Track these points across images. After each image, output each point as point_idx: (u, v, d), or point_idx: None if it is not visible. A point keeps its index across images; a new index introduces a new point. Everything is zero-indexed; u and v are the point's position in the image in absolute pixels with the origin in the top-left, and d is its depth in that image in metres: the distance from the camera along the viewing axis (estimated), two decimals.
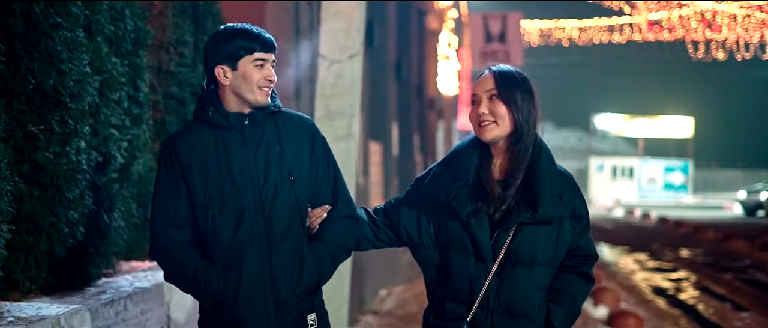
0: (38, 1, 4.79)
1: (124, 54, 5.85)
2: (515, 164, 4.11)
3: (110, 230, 5.34)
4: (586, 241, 4.28)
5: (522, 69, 4.23)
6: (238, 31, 4.13)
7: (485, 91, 4.13)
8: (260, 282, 4.07)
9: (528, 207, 4.07)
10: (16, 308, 4.40)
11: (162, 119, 6.92)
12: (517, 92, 4.13)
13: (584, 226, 4.26)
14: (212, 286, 4.05)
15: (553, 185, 4.13)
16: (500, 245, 4.08)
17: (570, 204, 4.19)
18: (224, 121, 4.10)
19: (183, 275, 4.09)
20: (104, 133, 5.30)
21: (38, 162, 4.76)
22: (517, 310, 4.11)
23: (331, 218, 4.24)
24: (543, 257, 4.13)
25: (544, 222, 4.09)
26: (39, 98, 4.79)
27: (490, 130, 4.10)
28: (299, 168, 4.16)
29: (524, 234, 4.09)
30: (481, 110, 4.11)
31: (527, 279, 4.11)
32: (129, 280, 5.59)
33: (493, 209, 4.10)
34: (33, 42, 4.76)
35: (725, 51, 44.37)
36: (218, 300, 4.08)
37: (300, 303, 4.15)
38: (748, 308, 14.91)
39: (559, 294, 4.20)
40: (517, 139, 4.11)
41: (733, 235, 28.24)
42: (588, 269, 4.29)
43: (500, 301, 4.09)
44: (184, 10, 7.09)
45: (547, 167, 4.15)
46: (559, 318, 4.17)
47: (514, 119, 4.10)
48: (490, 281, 4.08)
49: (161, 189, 4.12)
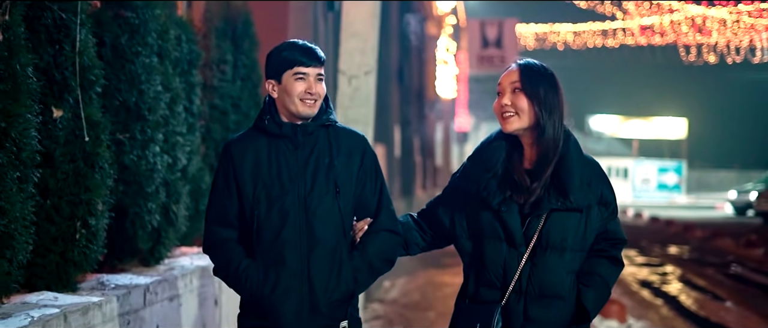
0: (123, 33, 5.97)
1: (181, 73, 7.01)
2: (543, 154, 4.20)
3: (177, 218, 6.51)
4: (614, 225, 4.36)
5: None
6: (285, 46, 4.29)
7: (509, 83, 4.23)
8: (297, 284, 4.18)
9: (558, 195, 4.17)
10: (114, 279, 5.55)
11: (207, 127, 8.08)
12: (541, 86, 4.21)
13: (612, 211, 4.34)
14: (252, 282, 4.19)
15: (581, 173, 4.21)
16: (532, 232, 4.18)
17: (597, 191, 4.27)
18: (278, 129, 4.24)
19: (228, 271, 4.25)
20: (172, 140, 6.47)
21: (124, 163, 5.93)
22: (549, 293, 4.20)
23: (372, 230, 4.34)
24: (573, 242, 4.21)
25: (574, 209, 4.18)
26: (124, 112, 5.97)
27: (511, 122, 4.19)
28: (346, 180, 4.28)
29: (555, 220, 4.18)
30: (504, 102, 4.21)
31: (559, 263, 4.19)
32: (189, 260, 6.76)
33: (523, 198, 4.19)
34: (119, 67, 5.93)
35: (716, 54, 44.51)
36: (256, 296, 4.20)
37: (334, 309, 4.24)
38: (726, 299, 15.68)
39: (590, 277, 4.27)
40: (541, 131, 4.18)
41: (721, 233, 29.07)
42: (617, 253, 4.37)
43: (533, 284, 4.18)
44: (225, 33, 8.26)
45: (576, 156, 4.24)
46: (591, 299, 4.24)
47: (535, 112, 4.18)
48: (523, 265, 4.17)
49: (216, 189, 4.32)
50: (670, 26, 42.62)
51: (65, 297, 4.79)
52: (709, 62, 45.47)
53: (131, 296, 5.25)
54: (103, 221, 5.31)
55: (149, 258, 6.29)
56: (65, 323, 4.38)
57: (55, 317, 4.31)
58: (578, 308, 4.24)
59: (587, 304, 4.22)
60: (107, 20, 5.90)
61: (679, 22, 42.12)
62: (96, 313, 4.73)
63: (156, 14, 6.16)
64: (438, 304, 13.64)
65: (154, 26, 6.16)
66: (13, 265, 4.36)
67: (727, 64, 46.30)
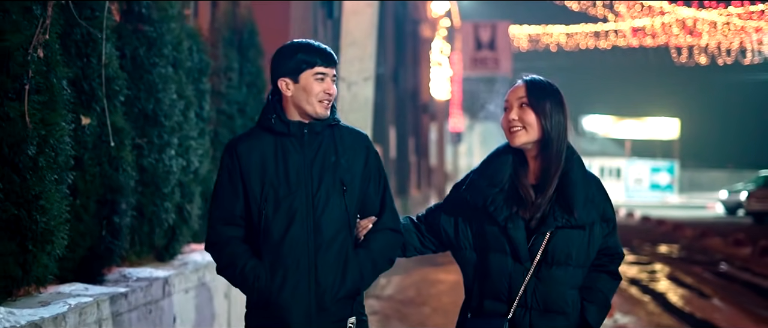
0: (141, 46, 6.46)
1: (193, 81, 7.50)
2: (547, 168, 4.24)
3: (191, 217, 7.01)
4: (613, 240, 4.40)
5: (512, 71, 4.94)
6: (300, 46, 4.28)
7: (516, 98, 4.27)
8: (305, 282, 4.20)
9: (563, 212, 4.20)
10: (135, 272, 6.04)
11: (215, 131, 8.57)
12: (547, 101, 4.25)
13: (612, 227, 4.39)
14: (260, 281, 4.19)
15: (585, 191, 4.26)
16: (537, 247, 4.20)
17: (600, 207, 4.32)
18: (285, 128, 4.24)
19: (233, 270, 4.24)
20: (186, 144, 6.95)
21: (143, 166, 6.42)
22: (554, 307, 4.24)
23: (376, 228, 4.37)
24: (577, 259, 4.24)
25: (579, 226, 4.21)
26: (142, 119, 6.45)
27: (519, 136, 4.23)
28: (351, 178, 4.29)
29: (559, 237, 4.21)
30: (512, 117, 4.24)
31: (563, 279, 4.23)
32: (200, 255, 7.26)
33: (529, 213, 4.21)
34: (138, 77, 6.42)
35: (707, 56, 44.47)
36: (264, 296, 4.21)
37: (341, 306, 4.25)
38: (711, 296, 16.00)
39: (592, 292, 4.32)
40: (546, 144, 4.22)
41: (710, 232, 29.13)
42: (615, 267, 4.40)
43: (537, 299, 4.22)
44: (232, 42, 8.76)
45: (580, 173, 4.28)
46: (593, 315, 4.29)
47: (542, 127, 4.22)
48: (528, 280, 4.20)
49: (220, 188, 4.31)
50: (662, 28, 42.74)
51: (94, 288, 5.27)
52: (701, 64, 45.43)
53: (152, 288, 5.74)
54: (126, 220, 5.80)
55: (164, 254, 6.78)
56: (98, 310, 4.87)
57: (89, 305, 4.80)
58: (581, 323, 4.30)
59: (590, 319, 4.29)
60: (127, 33, 6.39)
61: (670, 25, 42.25)
62: (123, 302, 5.22)
63: (171, 27, 6.66)
64: (432, 300, 14.02)
65: (170, 39, 6.65)
66: (51, 258, 4.84)
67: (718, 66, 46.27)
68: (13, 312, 4.33)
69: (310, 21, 11.61)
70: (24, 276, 4.67)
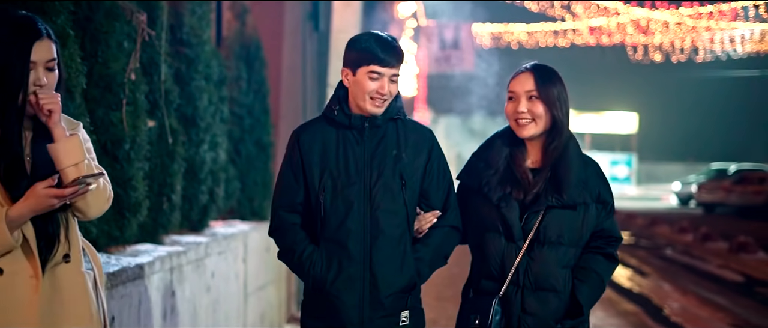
0: (182, 64, 8.27)
1: (217, 90, 9.32)
2: (549, 154, 4.25)
3: (219, 198, 8.84)
4: (610, 224, 4.40)
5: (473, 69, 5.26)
6: (366, 38, 4.20)
7: (524, 90, 4.21)
8: (359, 272, 4.17)
9: (555, 192, 4.20)
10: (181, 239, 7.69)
11: (229, 129, 10.40)
12: (555, 90, 4.20)
13: (609, 210, 4.37)
14: (315, 269, 4.18)
15: (578, 172, 4.25)
16: (530, 227, 4.21)
17: (595, 190, 4.31)
18: (347, 120, 4.22)
19: (291, 255, 4.27)
20: (214, 141, 8.73)
21: (185, 158, 8.25)
22: (545, 286, 4.25)
23: (439, 224, 4.31)
24: (568, 238, 4.25)
25: (569, 206, 4.22)
26: (184, 121, 8.27)
27: (528, 129, 4.22)
28: (412, 173, 4.23)
29: (551, 217, 4.22)
30: (520, 109, 4.20)
31: (554, 258, 4.24)
32: (223, 228, 9.08)
33: (523, 194, 4.23)
34: (181, 88, 8.23)
35: (662, 54, 44.83)
36: (319, 283, 4.20)
37: (395, 300, 4.23)
38: (649, 274, 17.93)
39: (585, 272, 4.31)
40: (554, 133, 4.23)
41: (659, 221, 31.19)
42: (612, 250, 4.41)
43: (529, 278, 4.23)
44: (241, 56, 10.55)
45: (575, 155, 4.28)
46: (584, 294, 4.29)
47: (552, 116, 4.21)
48: (520, 259, 4.22)
49: (283, 176, 4.32)
50: (617, 27, 43.21)
51: (160, 248, 7.05)
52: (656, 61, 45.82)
53: (199, 249, 7.56)
54: (178, 198, 7.62)
55: (198, 226, 8.59)
56: (170, 261, 6.67)
57: (164, 257, 6.57)
58: (572, 302, 4.31)
59: (581, 298, 4.29)
60: (172, 54, 8.20)
61: (625, 24, 42.88)
62: (182, 257, 7.03)
63: (205, 50, 8.47)
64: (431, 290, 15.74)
65: (203, 57, 8.45)
66: (135, 224, 6.66)
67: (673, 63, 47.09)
68: (118, 258, 6.14)
69: (299, 35, 13.29)
70: (120, 236, 6.47)
